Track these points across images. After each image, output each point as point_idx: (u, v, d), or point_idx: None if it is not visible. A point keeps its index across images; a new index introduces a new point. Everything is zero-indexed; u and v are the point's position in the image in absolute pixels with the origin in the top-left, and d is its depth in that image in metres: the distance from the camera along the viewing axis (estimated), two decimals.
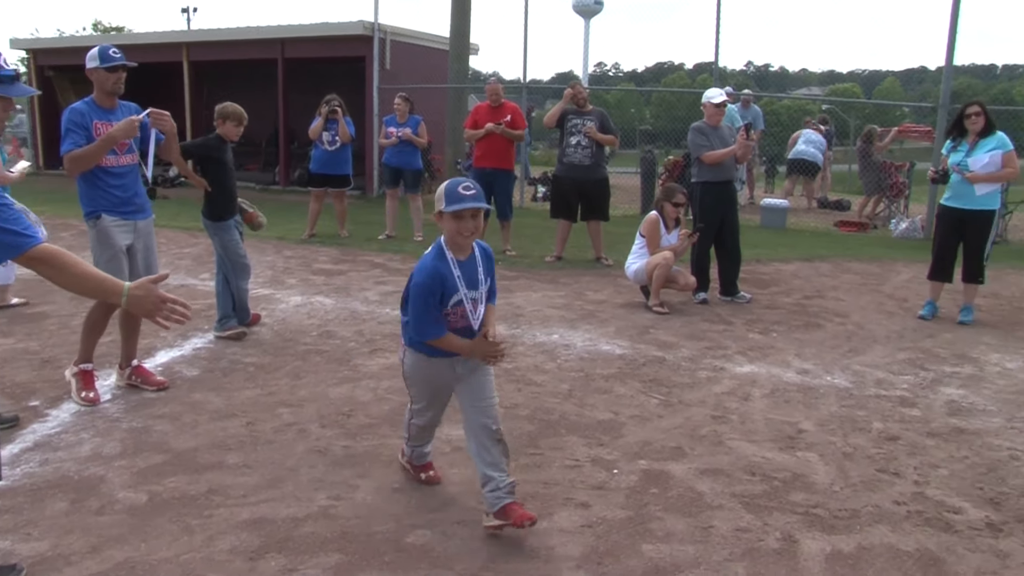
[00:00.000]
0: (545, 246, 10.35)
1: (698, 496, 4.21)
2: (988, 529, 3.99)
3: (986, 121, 7.52)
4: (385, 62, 16.72)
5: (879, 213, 14.73)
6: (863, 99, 62.41)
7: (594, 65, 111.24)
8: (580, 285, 8.84)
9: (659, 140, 21.10)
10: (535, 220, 12.28)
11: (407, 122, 11.21)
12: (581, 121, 9.64)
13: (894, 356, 6.70)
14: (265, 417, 5.15)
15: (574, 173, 9.72)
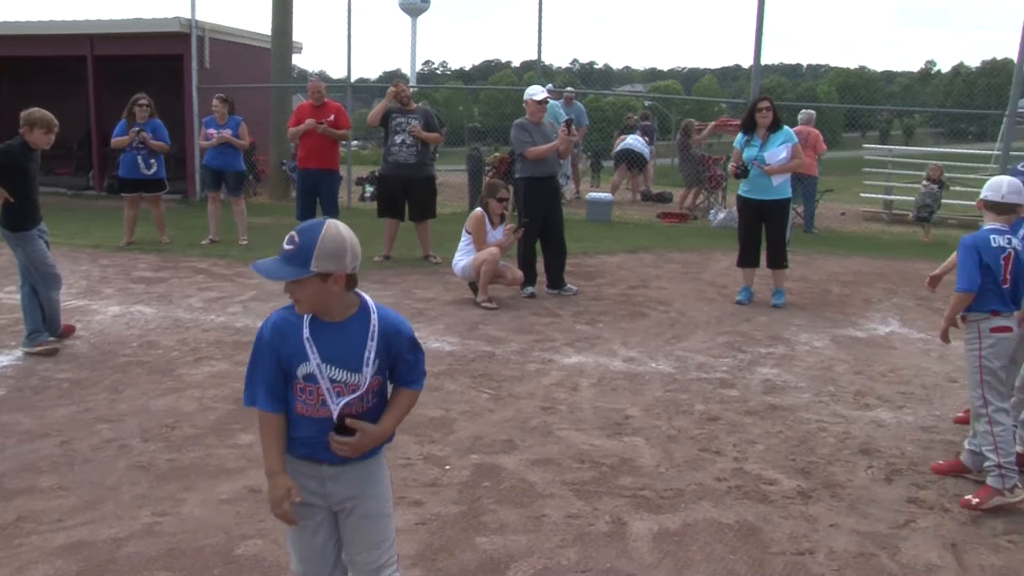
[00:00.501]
0: (373, 246, 10.26)
1: (530, 486, 4.29)
2: (799, 497, 4.26)
3: (775, 116, 8.05)
4: (204, 61, 16.15)
5: (699, 204, 15.40)
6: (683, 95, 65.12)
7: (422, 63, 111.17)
8: (409, 284, 8.84)
9: (488, 137, 21.37)
10: (363, 220, 12.12)
11: (227, 123, 10.89)
12: (405, 119, 9.63)
13: (714, 340, 7.04)
14: (82, 435, 4.90)
15: (400, 172, 9.71)
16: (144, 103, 10.58)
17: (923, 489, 4.42)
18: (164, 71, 16.73)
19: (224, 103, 10.93)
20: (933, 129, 71.92)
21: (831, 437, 5.06)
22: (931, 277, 5.11)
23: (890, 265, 10.69)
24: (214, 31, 16.70)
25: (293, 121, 10.42)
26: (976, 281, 4.24)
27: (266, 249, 10.45)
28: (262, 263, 2.56)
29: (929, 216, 13.36)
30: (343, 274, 2.52)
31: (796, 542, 3.82)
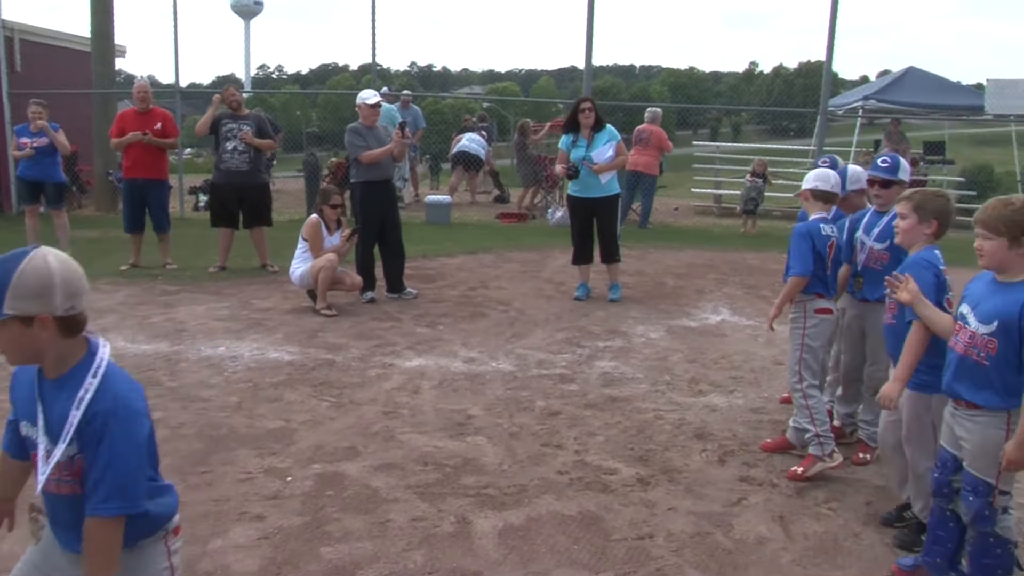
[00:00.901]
0: (208, 257, 9.97)
1: (374, 492, 4.27)
2: (639, 484, 4.40)
3: (597, 116, 8.30)
4: (15, 64, 15.23)
5: (537, 204, 15.66)
6: (521, 97, 66.03)
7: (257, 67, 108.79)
8: (246, 294, 8.62)
9: (326, 142, 21.05)
10: (198, 230, 11.78)
11: (41, 131, 10.29)
12: (237, 126, 9.39)
13: (553, 337, 7.18)
14: None
15: (233, 179, 9.46)
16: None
17: (753, 467, 4.65)
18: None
19: (44, 108, 10.34)
20: (758, 126, 75.64)
21: (667, 424, 5.25)
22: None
23: (720, 256, 11.17)
24: (25, 32, 15.75)
25: (115, 130, 9.92)
26: (810, 267, 4.50)
27: (93, 264, 9.98)
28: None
29: (755, 208, 14.04)
30: (50, 317, 2.07)
31: (636, 527, 3.94)
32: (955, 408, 3.30)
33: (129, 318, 7.65)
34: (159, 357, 6.51)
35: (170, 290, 8.82)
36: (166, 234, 10.01)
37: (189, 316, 7.71)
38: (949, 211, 3.82)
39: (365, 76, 14.76)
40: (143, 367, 6.23)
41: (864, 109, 17.29)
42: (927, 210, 3.74)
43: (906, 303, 3.58)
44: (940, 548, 3.49)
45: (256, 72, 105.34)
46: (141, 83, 10.19)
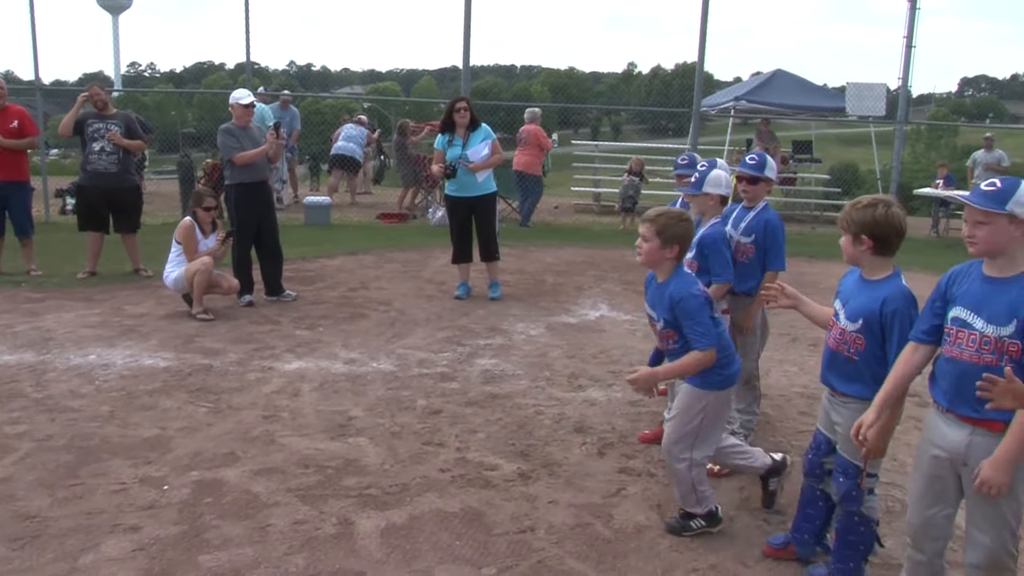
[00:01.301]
0: (77, 262, 9.61)
1: (254, 497, 4.22)
2: (520, 479, 4.47)
3: (472, 115, 8.38)
4: None
5: (417, 204, 15.64)
6: (402, 97, 65.70)
7: (127, 65, 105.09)
8: (118, 300, 8.35)
9: (204, 143, 20.52)
10: (64, 235, 11.34)
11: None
12: (104, 126, 9.08)
13: (434, 336, 7.20)
14: None
15: (100, 181, 9.15)
16: None
17: (632, 459, 4.78)
18: None
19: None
20: (638, 126, 77.32)
21: (547, 419, 5.34)
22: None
23: (600, 253, 11.39)
24: None
25: None
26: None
27: None
28: None
29: (633, 206, 14.36)
30: None
31: (518, 521, 4.01)
32: (831, 395, 3.47)
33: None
34: (23, 367, 6.25)
35: (35, 297, 8.46)
36: (29, 239, 9.59)
37: (57, 324, 7.43)
38: (690, 235, 3.92)
39: (241, 75, 14.53)
40: (5, 378, 5.98)
41: (736, 109, 17.87)
42: (668, 235, 3.77)
43: None
44: (808, 525, 3.70)
45: (127, 70, 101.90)
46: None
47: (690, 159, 5.50)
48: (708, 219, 4.80)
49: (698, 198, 4.86)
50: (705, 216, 4.83)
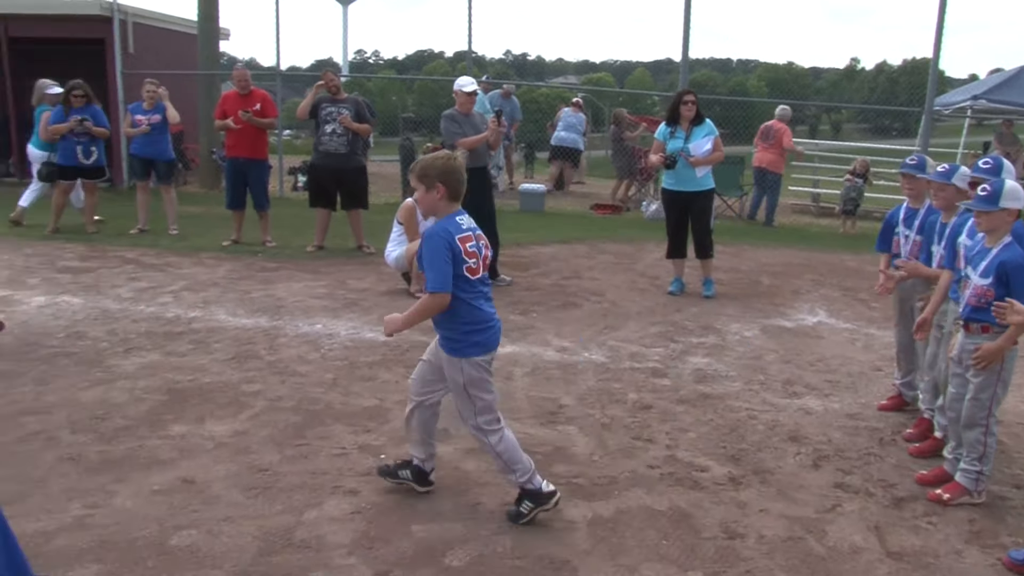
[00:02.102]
0: (306, 236, 10.18)
1: (465, 475, 4.32)
2: (730, 483, 4.35)
3: (698, 109, 8.19)
4: (128, 45, 15.75)
5: (631, 196, 15.55)
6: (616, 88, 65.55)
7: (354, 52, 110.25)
8: (342, 274, 8.78)
9: (422, 128, 21.21)
10: (296, 210, 12.02)
11: (154, 109, 10.67)
12: (336, 109, 9.54)
13: (646, 330, 7.13)
14: (6, 428, 4.78)
15: (330, 161, 9.62)
16: (79, 93, 10.43)
17: (849, 475, 4.55)
18: (86, 55, 16.29)
19: (159, 87, 10.70)
20: (859, 125, 73.72)
21: (761, 425, 5.17)
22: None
23: (818, 257, 10.93)
24: (137, 15, 16.25)
25: (218, 111, 10.25)
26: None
27: (196, 239, 10.30)
28: None
29: (854, 209, 13.70)
30: None
31: (727, 527, 3.90)
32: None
33: (230, 292, 7.87)
34: (259, 331, 6.68)
35: (269, 267, 9.04)
36: (266, 212, 10.26)
37: (287, 293, 7.89)
38: (450, 170, 3.78)
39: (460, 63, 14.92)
40: (243, 340, 6.41)
41: (973, 109, 16.68)
42: (430, 176, 3.74)
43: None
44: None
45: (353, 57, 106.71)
46: (239, 69, 10.41)
47: (919, 160, 5.18)
48: (999, 238, 4.15)
49: (992, 215, 4.11)
50: (992, 234, 4.17)
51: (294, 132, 37.84)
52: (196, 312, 7.18)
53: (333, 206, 9.86)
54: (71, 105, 10.36)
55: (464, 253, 3.76)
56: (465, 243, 3.77)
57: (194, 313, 7.15)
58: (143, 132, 10.64)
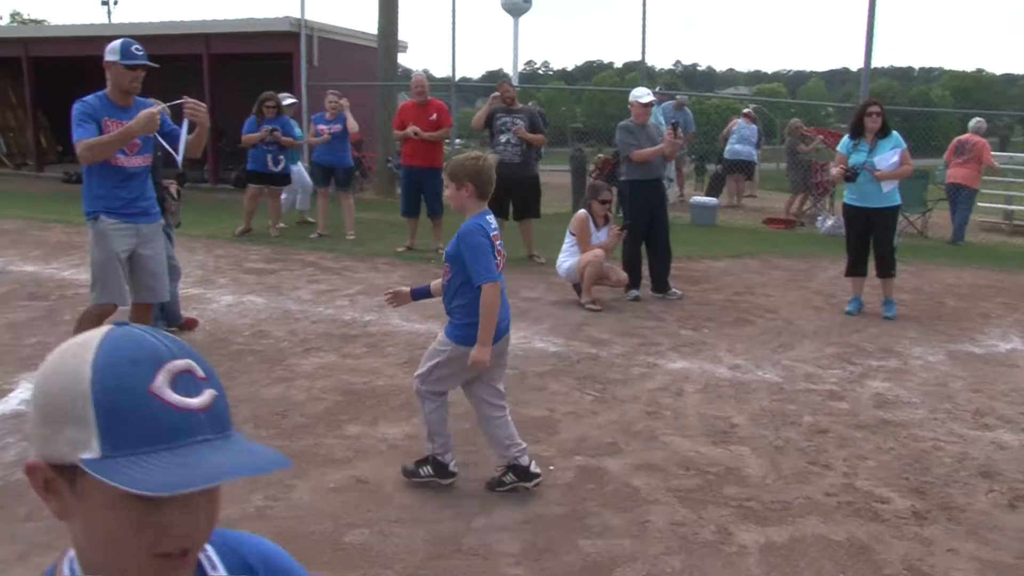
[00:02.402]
0: None
1: (634, 491, 4.27)
2: (914, 517, 4.12)
3: (884, 121, 7.82)
4: (313, 59, 16.55)
5: (805, 211, 15.07)
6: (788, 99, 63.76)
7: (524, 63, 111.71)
8: (513, 283, 8.83)
9: (590, 138, 21.28)
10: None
11: (336, 119, 11.13)
12: (510, 119, 9.67)
13: (822, 351, 6.87)
14: None
15: (504, 171, 9.62)
16: (272, 104, 11.00)
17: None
18: (274, 69, 17.20)
19: (341, 98, 11.19)
20: None
21: (948, 457, 4.89)
22: None
23: (1011, 279, 10.26)
24: (322, 30, 17.10)
25: (397, 121, 10.58)
26: None
27: (372, 244, 10.66)
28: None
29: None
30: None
31: (910, 565, 3.70)
32: None
33: None
34: (431, 337, 6.77)
35: (440, 272, 9.21)
36: (439, 219, 10.51)
37: None
38: (478, 170, 4.03)
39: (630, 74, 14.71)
40: (416, 345, 6.56)
41: None
42: (460, 176, 4.00)
43: None
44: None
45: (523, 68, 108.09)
46: (418, 76, 10.72)
47: None
48: None
49: None
50: None
51: (464, 141, 38.74)
52: (371, 316, 7.43)
53: (506, 215, 9.96)
54: (263, 116, 10.95)
55: (494, 250, 4.04)
56: (495, 240, 4.06)
57: (369, 317, 7.39)
58: (325, 141, 11.12)
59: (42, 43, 20.17)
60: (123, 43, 5.12)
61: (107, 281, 5.24)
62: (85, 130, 5.00)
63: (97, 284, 5.29)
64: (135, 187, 5.28)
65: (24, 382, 5.68)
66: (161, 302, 6.67)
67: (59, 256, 10.13)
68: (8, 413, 5.15)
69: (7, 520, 3.84)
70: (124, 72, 5.10)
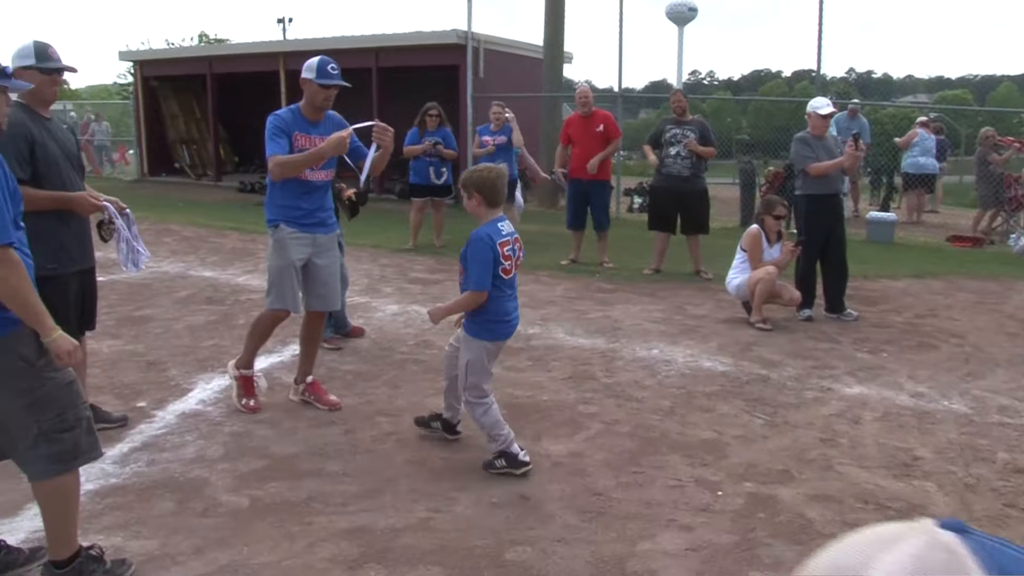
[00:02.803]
0: (643, 258, 10.26)
1: (808, 523, 4.10)
2: None
3: None
4: (479, 71, 16.82)
5: (996, 228, 14.18)
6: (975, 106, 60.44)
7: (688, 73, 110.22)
8: (680, 299, 8.73)
9: (756, 150, 20.76)
10: (632, 232, 12.16)
11: (500, 130, 11.23)
12: (681, 131, 9.50)
13: (1018, 381, 6.40)
14: (363, 426, 5.22)
15: (672, 184, 9.59)
16: (435, 113, 11.12)
17: None
18: (438, 81, 17.59)
19: (504, 109, 11.26)
20: None
21: None
22: None
23: None
24: (489, 42, 17.35)
25: (563, 135, 10.59)
26: None
27: (535, 256, 10.71)
28: None
29: None
30: None
31: None
32: None
33: (568, 311, 8.09)
34: (596, 353, 6.79)
35: (606, 288, 9.19)
36: (605, 233, 10.44)
37: (624, 315, 7.97)
38: (484, 180, 4.50)
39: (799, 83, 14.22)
40: (580, 360, 6.55)
41: None
42: (468, 186, 4.50)
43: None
44: None
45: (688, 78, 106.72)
46: (583, 87, 10.67)
47: None
48: None
49: None
50: None
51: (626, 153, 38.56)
52: (535, 329, 7.45)
53: (672, 230, 9.83)
54: (425, 127, 11.14)
55: (501, 256, 4.45)
56: (503, 247, 4.46)
57: (533, 330, 7.41)
58: (489, 152, 11.13)
59: (224, 60, 21.41)
60: (320, 61, 5.26)
61: (282, 288, 5.42)
62: (278, 145, 5.20)
63: (273, 290, 5.47)
64: (316, 199, 5.45)
65: (202, 383, 6.00)
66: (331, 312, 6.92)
67: (235, 262, 10.68)
68: (187, 412, 5.44)
69: (185, 515, 4.05)
70: (318, 90, 5.25)
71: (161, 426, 5.20)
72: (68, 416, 3.28)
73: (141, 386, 5.92)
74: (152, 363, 6.46)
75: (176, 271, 10.08)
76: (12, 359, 3.17)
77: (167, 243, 11.99)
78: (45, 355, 3.21)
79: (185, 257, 11.06)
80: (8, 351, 3.16)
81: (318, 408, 5.52)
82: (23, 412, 3.20)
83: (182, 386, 5.94)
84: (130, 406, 5.51)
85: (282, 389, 5.85)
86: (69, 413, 3.28)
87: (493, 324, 4.56)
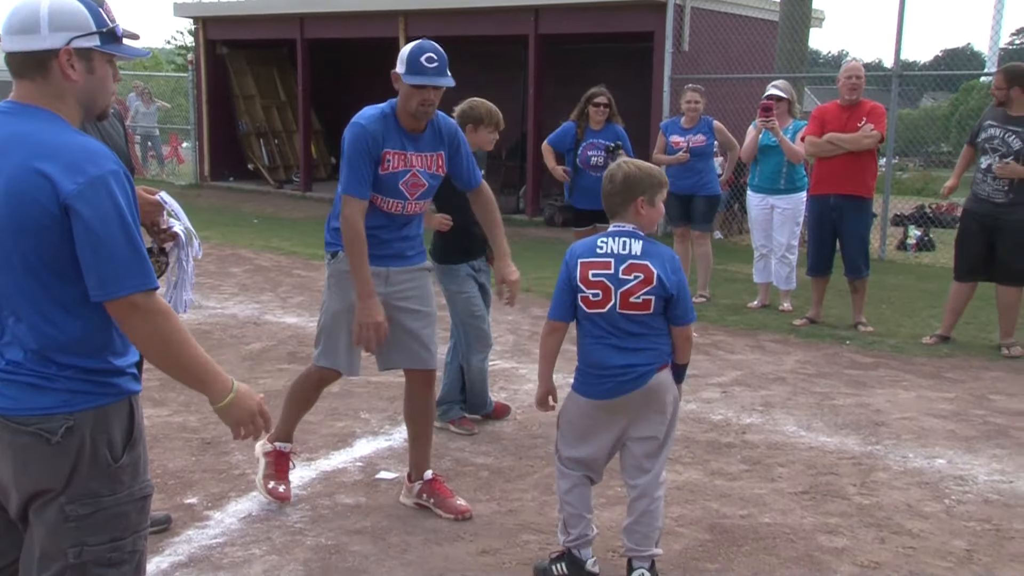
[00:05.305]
0: (921, 319, 10.02)
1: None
2: None
3: None
4: (682, 41, 16.47)
5: None
6: None
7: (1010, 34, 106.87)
8: (981, 384, 8.44)
9: None
10: (906, 279, 11.87)
11: (696, 127, 11.00)
12: (1002, 134, 8.89)
13: None
14: (505, 545, 5.27)
15: (983, 209, 9.07)
16: (602, 102, 10.42)
17: None
18: (622, 55, 17.47)
19: (703, 96, 10.99)
20: None
21: None
22: None
23: None
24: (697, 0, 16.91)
25: (814, 128, 9.96)
26: None
27: (752, 314, 10.57)
28: None
29: None
30: None
31: None
32: None
33: (803, 394, 7.96)
34: (845, 456, 6.68)
35: (862, 362, 9.02)
36: (862, 280, 10.11)
37: (890, 404, 7.80)
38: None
39: None
40: (821, 467, 6.42)
41: None
42: None
43: None
44: None
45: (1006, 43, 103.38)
46: (852, 64, 10.33)
47: None
48: None
49: None
50: None
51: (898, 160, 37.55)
52: (752, 417, 7.39)
53: (980, 275, 9.37)
54: (586, 123, 10.51)
55: (583, 281, 4.82)
56: (589, 269, 4.79)
57: (750, 419, 7.36)
58: (679, 160, 10.84)
59: (322, 21, 20.98)
60: (413, 50, 5.17)
61: (332, 338, 5.46)
62: (357, 181, 5.14)
63: (321, 338, 5.52)
64: (395, 226, 5.43)
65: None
66: (462, 378, 6.99)
67: None
68: (254, 514, 5.55)
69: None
70: (411, 92, 5.15)
71: (217, 533, 5.35)
72: (125, 545, 3.05)
73: (192, 475, 6.11)
74: (208, 443, 6.67)
75: (246, 315, 10.47)
76: (95, 446, 2.94)
77: (235, 275, 12.38)
78: (132, 449, 3.04)
79: (259, 296, 11.44)
80: (93, 432, 2.95)
81: (439, 516, 5.60)
82: (66, 528, 2.93)
83: (248, 476, 6.06)
84: (175, 502, 5.67)
85: (390, 488, 5.99)
86: (128, 542, 3.06)
87: (582, 374, 4.93)
